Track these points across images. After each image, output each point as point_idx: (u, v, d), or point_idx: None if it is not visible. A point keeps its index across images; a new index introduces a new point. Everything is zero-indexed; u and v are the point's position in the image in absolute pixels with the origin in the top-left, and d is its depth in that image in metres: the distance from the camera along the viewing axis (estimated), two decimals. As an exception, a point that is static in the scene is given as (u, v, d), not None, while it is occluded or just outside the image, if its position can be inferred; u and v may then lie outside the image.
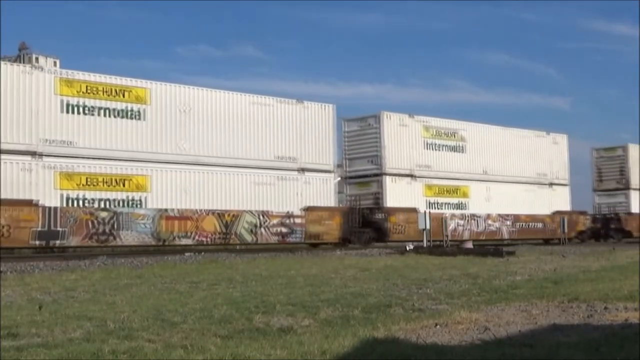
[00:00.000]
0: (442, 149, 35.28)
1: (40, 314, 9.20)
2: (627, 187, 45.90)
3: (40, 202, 23.01)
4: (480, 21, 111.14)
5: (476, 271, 16.67)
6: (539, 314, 9.21)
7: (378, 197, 32.85)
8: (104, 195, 24.35)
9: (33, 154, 23.09)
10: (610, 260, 21.48)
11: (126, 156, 24.92)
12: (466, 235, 34.60)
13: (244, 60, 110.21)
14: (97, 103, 24.40)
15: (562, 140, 42.11)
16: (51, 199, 23.28)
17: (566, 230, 38.82)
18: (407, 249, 27.15)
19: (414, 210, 32.65)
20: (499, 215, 37.31)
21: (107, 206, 24.38)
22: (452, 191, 35.66)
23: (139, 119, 25.26)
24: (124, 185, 24.81)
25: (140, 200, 25.15)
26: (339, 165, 32.81)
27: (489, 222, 36.79)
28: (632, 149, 46.02)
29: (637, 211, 45.29)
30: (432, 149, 34.85)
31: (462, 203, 35.82)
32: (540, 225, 39.31)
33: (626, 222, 45.26)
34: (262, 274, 15.93)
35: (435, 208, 33.91)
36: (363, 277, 15.30)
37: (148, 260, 20.62)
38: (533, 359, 6.24)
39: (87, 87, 24.33)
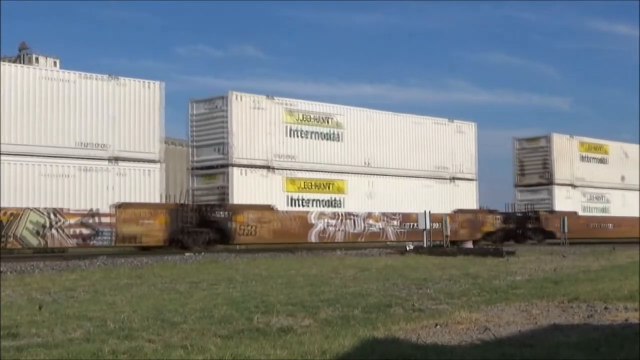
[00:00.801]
0: (311, 137, 29.80)
1: (40, 314, 9.20)
2: (550, 182, 40.04)
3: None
4: (480, 21, 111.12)
5: (476, 271, 16.68)
6: (539, 314, 9.21)
7: (224, 192, 27.55)
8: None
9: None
10: (610, 260, 21.48)
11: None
12: (339, 237, 30.17)
13: (244, 60, 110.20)
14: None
15: (469, 128, 36.35)
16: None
17: (566, 230, 38.65)
18: (407, 249, 27.15)
19: (269, 208, 27.98)
20: (383, 214, 31.85)
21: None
22: (323, 186, 30.08)
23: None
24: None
25: None
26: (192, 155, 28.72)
27: (370, 222, 31.30)
28: (557, 140, 40.56)
29: (563, 209, 39.74)
30: (298, 137, 29.41)
31: (336, 200, 30.39)
32: (437, 225, 32.52)
33: (547, 221, 39.46)
34: (262, 273, 15.94)
35: (299, 205, 29.04)
36: (363, 277, 15.30)
37: (148, 260, 20.62)
38: (533, 359, 6.24)
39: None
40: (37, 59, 27.45)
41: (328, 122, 30.56)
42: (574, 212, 40.03)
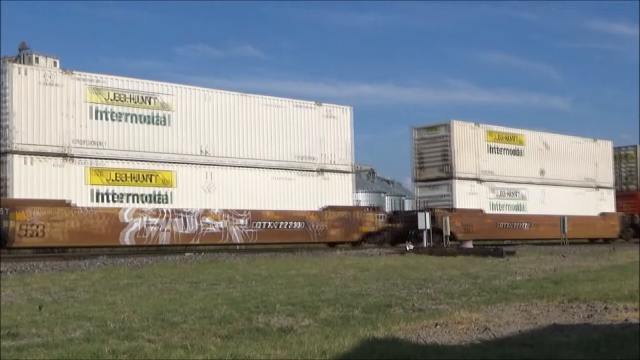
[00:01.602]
0: (127, 120, 25.08)
1: (40, 314, 9.21)
2: (450, 176, 34.86)
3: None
4: (480, 21, 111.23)
5: (476, 271, 16.68)
6: (539, 314, 9.20)
7: (3, 185, 23.06)
8: None
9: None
10: (610, 260, 21.48)
11: None
12: (164, 239, 25.52)
13: (243, 60, 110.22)
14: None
15: (343, 113, 31.32)
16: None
17: (566, 230, 38.63)
18: (407, 249, 27.17)
19: (62, 204, 23.44)
20: (226, 211, 27.09)
21: None
22: (143, 178, 25.43)
23: None
24: None
25: None
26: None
27: (207, 220, 26.67)
28: (459, 128, 35.29)
29: (466, 206, 34.99)
30: (107, 119, 24.72)
31: (161, 194, 25.70)
32: (299, 225, 28.97)
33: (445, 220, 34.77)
34: (262, 274, 15.94)
35: (108, 200, 24.54)
36: (363, 277, 15.30)
37: (148, 260, 20.64)
38: (533, 359, 6.24)
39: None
40: (37, 59, 27.40)
41: (150, 102, 25.71)
42: (478, 209, 35.03)
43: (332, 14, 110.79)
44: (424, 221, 29.24)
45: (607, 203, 42.39)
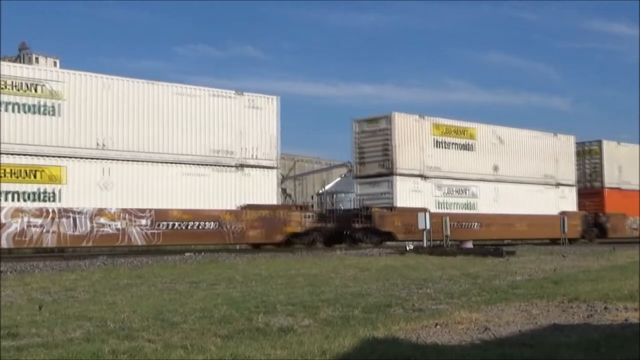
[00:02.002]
0: (8, 110, 22.95)
1: (40, 314, 9.21)
2: (391, 173, 32.28)
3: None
4: (480, 21, 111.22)
5: (476, 271, 16.68)
6: (539, 314, 9.21)
7: None
8: None
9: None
10: (610, 260, 21.48)
11: None
12: (49, 241, 23.49)
13: (243, 60, 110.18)
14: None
15: (268, 103, 29.05)
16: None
17: (566, 230, 38.60)
18: (407, 249, 27.16)
19: None
20: (124, 210, 25.07)
21: None
22: (25, 174, 23.20)
23: None
24: None
25: None
26: None
27: (102, 220, 24.54)
28: (401, 120, 32.69)
29: (409, 204, 32.36)
30: None
31: (47, 192, 23.54)
32: (212, 225, 26.99)
33: (382, 219, 31.93)
34: (262, 274, 15.94)
35: None
36: (363, 277, 15.31)
37: (148, 260, 20.64)
38: (533, 359, 6.24)
39: None
40: (37, 58, 27.43)
41: (36, 90, 23.55)
42: (423, 208, 31.63)
43: (332, 14, 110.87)
44: (424, 221, 29.20)
45: (568, 201, 40.01)
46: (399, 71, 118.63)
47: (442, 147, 34.29)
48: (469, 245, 30.15)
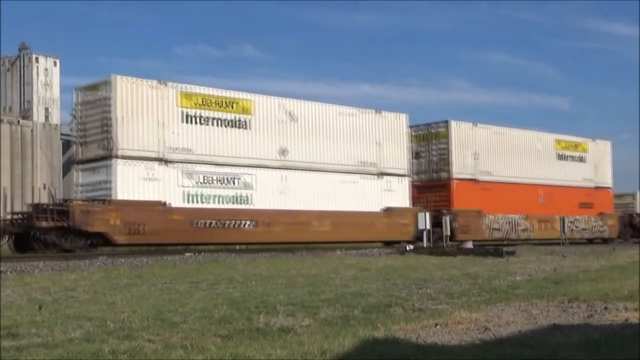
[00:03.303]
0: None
1: (40, 314, 9.20)
2: (110, 155, 24.84)
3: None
4: (480, 21, 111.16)
5: (476, 271, 16.68)
6: (539, 314, 9.20)
7: None
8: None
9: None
10: (610, 260, 21.49)
11: None
12: None
13: (243, 60, 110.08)
14: None
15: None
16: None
17: (565, 230, 38.60)
18: (407, 249, 27.17)
19: None
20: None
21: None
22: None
23: None
24: None
25: None
26: None
27: None
28: (124, 86, 25.09)
29: (138, 197, 25.03)
30: None
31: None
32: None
33: (88, 217, 23.98)
34: (262, 274, 15.94)
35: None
36: (363, 277, 15.30)
37: (148, 260, 20.63)
38: (533, 359, 6.23)
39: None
40: (37, 58, 27.30)
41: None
42: (157, 202, 25.22)
43: (332, 14, 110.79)
44: (424, 221, 29.22)
45: (397, 195, 32.12)
46: (399, 71, 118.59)
47: (196, 123, 26.46)
48: (469, 245, 30.18)
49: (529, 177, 38.74)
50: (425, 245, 28.77)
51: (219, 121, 27.26)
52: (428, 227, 29.16)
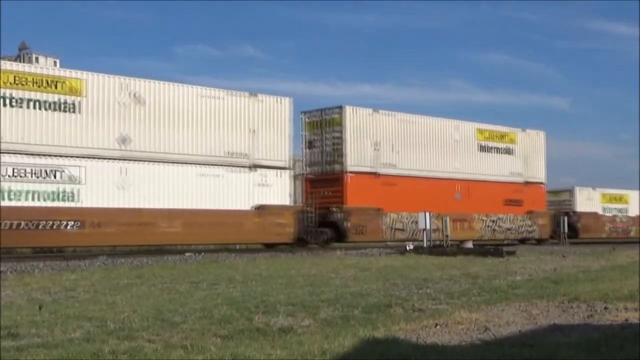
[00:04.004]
0: None
1: (40, 314, 9.20)
2: None
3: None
4: (480, 21, 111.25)
5: (476, 271, 16.68)
6: (539, 314, 9.21)
7: None
8: None
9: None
10: (610, 260, 21.50)
11: None
12: None
13: (243, 60, 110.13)
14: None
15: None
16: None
17: (566, 230, 38.55)
18: (407, 248, 27.17)
19: None
20: None
21: None
22: None
23: None
24: None
25: None
26: None
27: None
28: None
29: None
30: None
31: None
32: None
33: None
34: (262, 274, 15.94)
35: None
36: (363, 277, 15.30)
37: (148, 260, 20.63)
38: (533, 359, 6.24)
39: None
40: (37, 58, 27.36)
41: None
42: None
43: (331, 14, 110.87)
44: (424, 221, 29.20)
45: (274, 191, 27.73)
46: (399, 71, 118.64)
47: (5, 105, 22.40)
48: (469, 245, 30.17)
49: (444, 171, 34.21)
50: (425, 245, 28.74)
51: (38, 103, 22.91)
52: (428, 227, 29.10)
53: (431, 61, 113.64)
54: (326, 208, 29.79)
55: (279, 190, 27.90)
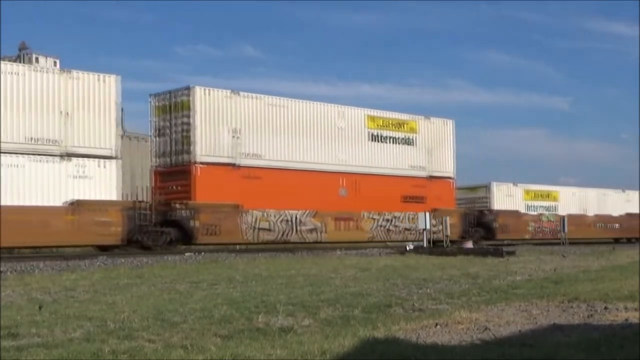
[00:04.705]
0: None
1: (40, 314, 9.20)
2: None
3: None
4: (480, 21, 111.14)
5: (476, 271, 16.68)
6: (539, 314, 9.21)
7: None
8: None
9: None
10: (610, 260, 21.50)
11: None
12: None
13: (243, 60, 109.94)
14: None
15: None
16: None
17: (566, 230, 38.54)
18: (407, 248, 27.17)
19: None
20: None
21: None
22: None
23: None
24: None
25: None
26: None
27: None
28: None
29: None
30: None
31: None
32: None
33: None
34: (262, 274, 15.93)
35: None
36: (363, 277, 15.30)
37: (148, 260, 20.62)
38: (533, 359, 6.23)
39: None
40: (37, 58, 27.32)
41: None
42: None
43: (332, 14, 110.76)
44: (424, 221, 29.19)
45: (95, 184, 23.37)
46: (399, 71, 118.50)
47: None
48: (469, 245, 30.19)
49: (324, 163, 29.48)
50: (425, 245, 28.75)
51: None
52: (428, 227, 29.07)
53: (431, 61, 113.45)
54: (167, 204, 25.64)
55: (102, 183, 23.55)
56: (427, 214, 29.04)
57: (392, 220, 31.59)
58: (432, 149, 33.75)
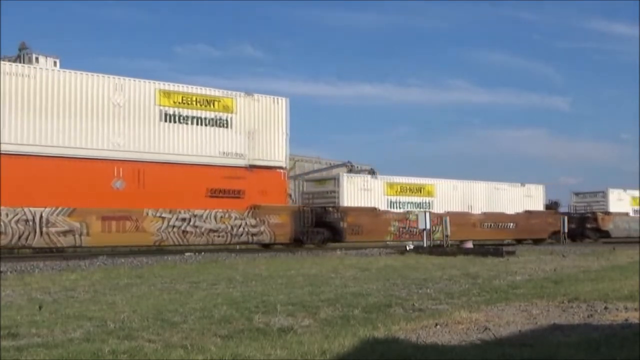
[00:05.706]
0: None
1: (40, 314, 9.20)
2: None
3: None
4: (480, 21, 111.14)
5: (476, 271, 16.68)
6: (539, 314, 9.21)
7: None
8: None
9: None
10: (610, 260, 21.50)
11: None
12: None
13: (243, 60, 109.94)
14: None
15: None
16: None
17: (566, 229, 38.55)
18: (407, 248, 27.19)
19: None
20: None
21: None
22: None
23: None
24: None
25: None
26: None
27: None
28: None
29: None
30: None
31: None
32: None
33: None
34: (262, 274, 15.94)
35: None
36: (363, 277, 15.30)
37: (148, 260, 20.63)
38: (533, 359, 6.24)
39: None
40: (37, 58, 27.30)
41: None
42: None
43: (331, 13, 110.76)
44: (424, 221, 29.21)
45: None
46: (399, 71, 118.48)
47: None
48: (469, 245, 30.20)
49: (90, 148, 24.02)
50: (425, 245, 28.76)
51: None
52: (428, 226, 29.08)
53: (431, 61, 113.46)
54: None
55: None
56: (427, 214, 29.06)
57: (190, 220, 26.12)
58: (255, 132, 28.09)
